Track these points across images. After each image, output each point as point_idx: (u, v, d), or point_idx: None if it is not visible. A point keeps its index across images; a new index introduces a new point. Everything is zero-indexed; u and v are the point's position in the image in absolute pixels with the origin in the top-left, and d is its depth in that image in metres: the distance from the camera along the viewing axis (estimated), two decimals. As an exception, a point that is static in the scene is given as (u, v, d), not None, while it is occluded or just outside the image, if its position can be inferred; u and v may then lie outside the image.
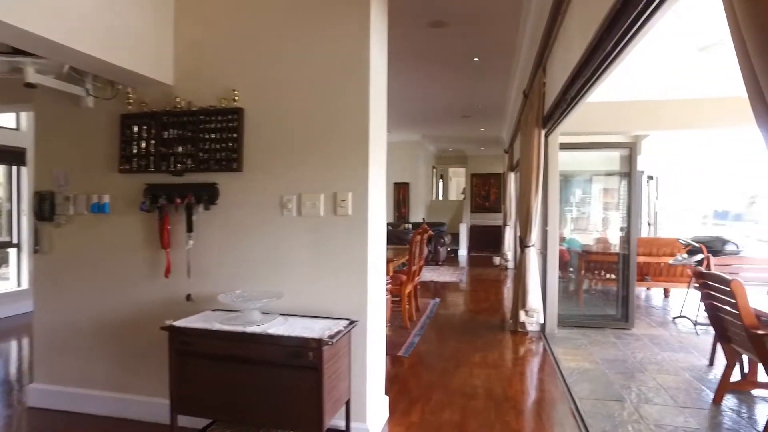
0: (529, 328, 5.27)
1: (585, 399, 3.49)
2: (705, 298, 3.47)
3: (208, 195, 2.94)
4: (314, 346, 2.26)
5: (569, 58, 3.30)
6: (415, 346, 4.75)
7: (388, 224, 12.04)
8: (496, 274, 10.27)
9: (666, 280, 6.52)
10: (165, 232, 2.97)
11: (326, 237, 2.79)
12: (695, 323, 5.42)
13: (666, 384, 3.82)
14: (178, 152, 2.99)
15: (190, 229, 2.96)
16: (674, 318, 5.90)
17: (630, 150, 5.57)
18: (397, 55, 6.34)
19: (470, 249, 13.94)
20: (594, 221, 6.66)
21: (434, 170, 17.24)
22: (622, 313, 5.59)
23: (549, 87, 4.43)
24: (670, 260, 5.81)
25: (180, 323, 2.52)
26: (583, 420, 3.14)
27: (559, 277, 5.48)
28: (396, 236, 8.91)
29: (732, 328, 3.30)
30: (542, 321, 5.25)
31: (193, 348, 2.45)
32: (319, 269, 2.80)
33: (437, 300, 7.10)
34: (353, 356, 2.74)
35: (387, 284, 5.03)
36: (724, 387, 3.53)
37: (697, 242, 5.52)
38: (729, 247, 5.40)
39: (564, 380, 3.84)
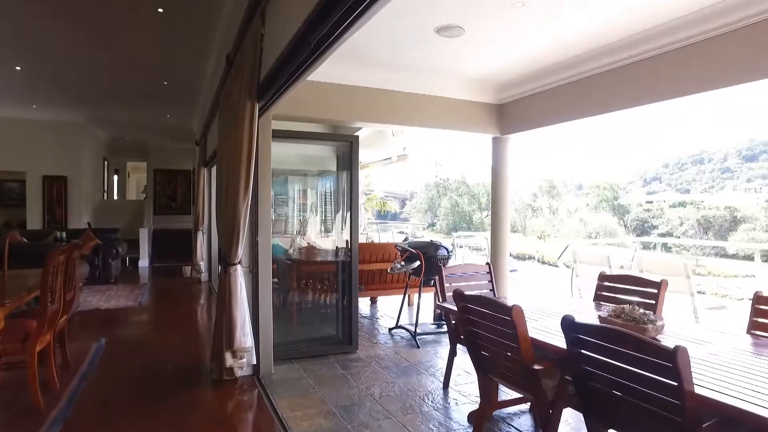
0: (239, 373, 3.93)
1: (335, 495, 2.39)
2: (466, 324, 2.81)
3: None
4: None
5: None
6: (52, 446, 2.81)
7: (32, 233, 8.78)
8: (187, 288, 8.53)
9: (379, 288, 6.12)
10: None
11: None
12: (413, 335, 5.05)
13: (418, 430, 3.07)
14: None
15: None
16: (391, 329, 5.49)
17: (351, 144, 4.82)
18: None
19: (154, 259, 11.61)
20: (301, 224, 5.76)
21: (106, 163, 13.97)
22: (345, 332, 4.80)
23: (270, 41, 3.16)
24: (389, 268, 5.36)
25: None
26: None
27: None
28: (38, 253, 6.18)
29: (500, 359, 2.71)
30: (254, 362, 3.99)
31: None
32: None
33: (103, 341, 4.99)
34: None
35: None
36: (480, 425, 2.98)
37: (413, 248, 5.18)
38: (441, 252, 5.23)
39: (300, 463, 2.66)
